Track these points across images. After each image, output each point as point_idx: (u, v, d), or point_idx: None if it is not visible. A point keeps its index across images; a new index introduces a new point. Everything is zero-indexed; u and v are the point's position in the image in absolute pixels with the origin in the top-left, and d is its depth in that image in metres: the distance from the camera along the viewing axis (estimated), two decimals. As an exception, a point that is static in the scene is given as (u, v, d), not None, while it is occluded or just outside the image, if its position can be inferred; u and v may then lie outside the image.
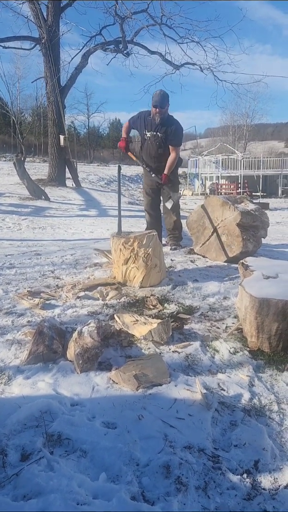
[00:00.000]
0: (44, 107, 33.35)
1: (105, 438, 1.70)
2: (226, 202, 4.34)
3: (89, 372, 2.20)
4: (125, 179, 21.44)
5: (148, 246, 3.46)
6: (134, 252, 3.46)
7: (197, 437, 1.73)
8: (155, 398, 2.00)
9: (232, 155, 26.52)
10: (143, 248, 3.45)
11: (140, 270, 3.47)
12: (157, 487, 1.48)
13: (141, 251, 3.44)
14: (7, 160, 24.35)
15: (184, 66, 15.26)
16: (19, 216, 8.81)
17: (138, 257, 3.45)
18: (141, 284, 3.50)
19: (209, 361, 2.37)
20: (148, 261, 3.45)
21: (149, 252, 3.45)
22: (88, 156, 45.39)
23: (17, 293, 3.37)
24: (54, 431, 1.72)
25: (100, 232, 7.27)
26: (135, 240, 3.47)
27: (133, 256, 3.47)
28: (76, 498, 1.39)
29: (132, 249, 3.46)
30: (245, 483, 1.51)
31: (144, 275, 3.48)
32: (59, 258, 4.64)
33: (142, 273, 3.47)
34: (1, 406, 1.88)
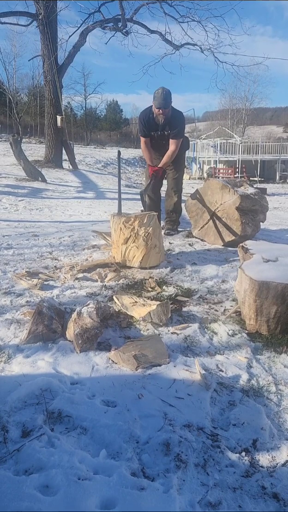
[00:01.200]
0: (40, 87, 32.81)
1: (105, 416, 1.72)
2: (225, 185, 4.31)
3: (88, 352, 2.20)
4: (122, 162, 21.25)
5: (149, 225, 3.44)
6: (135, 231, 3.44)
7: (196, 416, 1.75)
8: (155, 378, 2.01)
9: (230, 139, 26.33)
10: (144, 227, 3.43)
11: (140, 250, 3.46)
12: (157, 464, 1.50)
13: (141, 230, 3.43)
14: (2, 140, 24.02)
15: (184, 47, 15.00)
16: (15, 197, 8.74)
17: (139, 236, 3.44)
18: (141, 264, 3.50)
19: (207, 343, 2.39)
20: (148, 241, 3.44)
21: (149, 231, 3.44)
22: (85, 138, 44.83)
23: (16, 274, 3.36)
24: (54, 408, 1.74)
25: (97, 215, 7.23)
26: (135, 219, 3.45)
27: (133, 235, 3.45)
28: (77, 474, 1.41)
29: (132, 228, 3.44)
30: (243, 461, 1.54)
31: (144, 255, 3.47)
32: (57, 240, 4.62)
33: (142, 252, 3.47)
34: (2, 384, 1.89)
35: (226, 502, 1.36)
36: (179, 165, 4.87)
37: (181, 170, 4.96)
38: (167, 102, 4.29)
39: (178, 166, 4.84)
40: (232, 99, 45.97)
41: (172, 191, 4.87)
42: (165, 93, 4.29)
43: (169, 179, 4.88)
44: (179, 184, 4.91)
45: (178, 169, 4.85)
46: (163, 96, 4.27)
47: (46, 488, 1.35)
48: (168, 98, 4.30)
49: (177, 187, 4.88)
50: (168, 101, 4.30)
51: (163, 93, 4.28)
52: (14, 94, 35.28)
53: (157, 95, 4.29)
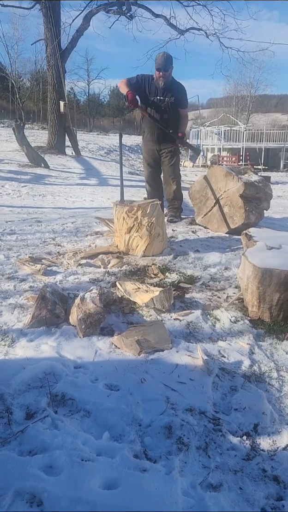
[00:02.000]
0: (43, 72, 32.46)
1: (108, 399, 1.73)
2: (230, 172, 4.29)
3: (91, 337, 2.22)
4: (125, 149, 21.10)
5: (152, 215, 3.43)
6: (138, 220, 3.43)
7: (198, 401, 1.77)
8: (157, 363, 2.03)
9: (234, 126, 26.07)
10: (147, 217, 3.42)
11: (144, 239, 3.46)
12: (159, 446, 1.53)
13: (144, 220, 3.42)
14: (5, 126, 23.84)
15: (189, 31, 14.76)
16: (18, 183, 8.71)
17: (142, 226, 3.43)
18: (144, 253, 3.50)
19: (210, 329, 2.40)
20: (151, 230, 3.43)
21: (152, 221, 3.43)
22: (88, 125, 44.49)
23: (19, 259, 3.37)
24: (58, 391, 1.76)
25: (100, 201, 7.21)
26: (138, 209, 3.43)
27: (136, 225, 3.44)
28: (80, 455, 1.43)
29: (135, 218, 3.43)
30: (244, 444, 1.56)
31: (147, 244, 3.47)
32: (60, 226, 4.62)
33: (145, 242, 3.46)
34: (6, 367, 1.91)
35: (227, 484, 1.38)
36: (175, 152, 4.79)
37: (177, 156, 4.85)
38: (167, 64, 4.33)
39: (174, 152, 4.76)
40: (237, 85, 45.40)
41: (170, 178, 4.79)
42: (166, 56, 4.35)
43: (166, 167, 4.78)
44: (176, 170, 4.82)
45: (173, 154, 4.75)
46: (163, 58, 4.32)
47: (50, 468, 1.38)
48: (169, 61, 4.35)
49: (175, 173, 4.79)
50: (168, 64, 4.34)
51: (164, 55, 4.34)
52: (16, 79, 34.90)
53: (158, 57, 4.35)
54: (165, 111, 4.52)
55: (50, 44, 13.13)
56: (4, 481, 1.31)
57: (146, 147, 4.83)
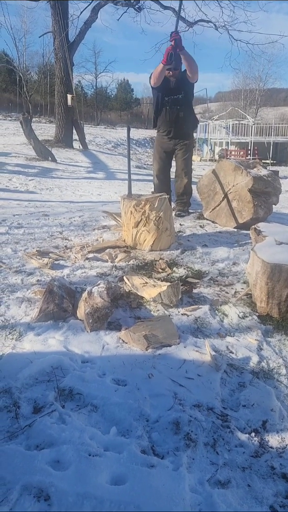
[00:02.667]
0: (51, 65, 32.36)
1: (115, 394, 1.73)
2: (238, 166, 4.24)
3: (99, 331, 2.21)
4: (132, 143, 21.01)
5: (160, 209, 3.41)
6: (145, 215, 3.41)
7: (206, 396, 1.76)
8: (165, 358, 2.02)
9: (243, 120, 25.84)
10: (155, 211, 3.39)
11: (151, 234, 3.44)
12: (166, 442, 1.52)
13: (152, 214, 3.40)
14: (13, 119, 23.84)
15: (198, 24, 14.60)
16: (26, 176, 8.70)
17: (149, 220, 3.41)
18: (151, 247, 3.48)
19: (218, 325, 2.38)
20: (159, 225, 3.41)
21: (160, 215, 3.40)
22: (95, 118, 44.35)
23: (26, 253, 3.37)
24: (65, 386, 1.75)
25: (108, 195, 7.19)
26: (146, 203, 3.41)
27: (144, 219, 3.42)
28: (88, 450, 1.42)
29: (143, 212, 3.41)
30: (253, 441, 1.54)
31: (155, 239, 3.45)
32: (67, 220, 4.61)
33: (153, 236, 3.44)
34: (13, 361, 1.91)
35: (235, 481, 1.37)
36: (188, 145, 4.78)
37: (190, 150, 4.86)
38: (177, 63, 4.29)
39: (188, 146, 4.75)
40: (246, 79, 44.97)
41: (183, 172, 4.79)
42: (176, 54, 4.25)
43: (179, 160, 4.78)
44: (189, 164, 4.82)
45: (188, 149, 4.75)
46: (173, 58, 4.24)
47: (58, 463, 1.37)
48: (178, 60, 4.29)
49: (187, 167, 4.79)
50: (178, 62, 4.29)
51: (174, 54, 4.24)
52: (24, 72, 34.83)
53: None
54: (180, 109, 4.50)
55: (58, 36, 13.05)
56: (11, 475, 1.31)
57: (161, 140, 4.81)
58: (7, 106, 37.96)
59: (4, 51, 39.35)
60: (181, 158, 4.75)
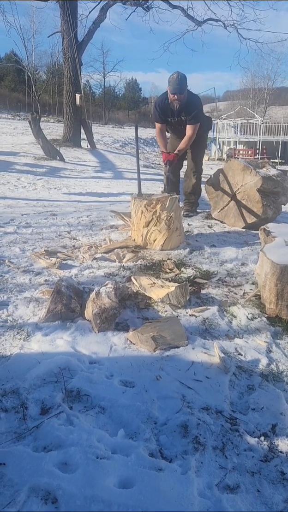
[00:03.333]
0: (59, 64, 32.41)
1: (123, 396, 1.72)
2: (247, 166, 4.21)
3: (106, 332, 2.20)
4: (140, 142, 21.00)
5: (171, 209, 3.39)
6: (156, 214, 3.39)
7: (215, 399, 1.74)
8: (173, 359, 2.00)
9: (251, 119, 25.70)
10: (166, 211, 3.38)
11: (162, 233, 3.43)
12: (175, 445, 1.50)
13: (163, 214, 3.38)
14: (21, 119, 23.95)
15: (206, 23, 14.52)
16: (34, 176, 8.72)
17: (160, 220, 3.39)
18: (162, 247, 3.46)
19: (226, 326, 2.36)
20: (170, 224, 3.40)
21: (171, 215, 3.39)
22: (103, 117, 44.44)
23: (34, 252, 3.37)
24: (73, 387, 1.75)
25: (115, 195, 7.18)
26: (157, 203, 3.39)
27: (155, 218, 3.41)
28: (95, 452, 1.41)
29: (154, 212, 3.39)
30: (262, 445, 1.52)
31: (165, 238, 3.44)
32: (75, 219, 4.61)
33: (163, 236, 3.43)
34: (21, 361, 1.90)
35: (244, 486, 1.35)
36: (200, 146, 4.77)
37: (202, 151, 4.87)
38: (182, 87, 4.19)
39: (199, 147, 4.75)
40: (254, 78, 44.79)
41: (192, 172, 4.80)
42: (180, 78, 4.18)
43: (189, 160, 4.80)
44: (199, 165, 4.82)
45: (199, 149, 4.77)
46: (178, 81, 4.16)
47: (65, 465, 1.37)
48: (183, 83, 4.19)
49: (197, 168, 4.80)
50: (183, 86, 4.20)
51: (178, 78, 4.17)
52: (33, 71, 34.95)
53: (172, 80, 4.18)
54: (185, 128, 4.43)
55: (66, 36, 13.07)
56: (19, 477, 1.30)
57: (173, 142, 4.82)
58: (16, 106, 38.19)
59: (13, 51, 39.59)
60: (192, 158, 4.75)
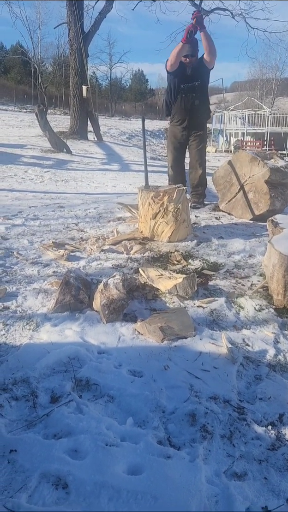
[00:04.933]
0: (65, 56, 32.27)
1: (131, 385, 1.74)
2: (255, 157, 4.19)
3: (115, 323, 2.22)
4: (147, 134, 20.91)
5: (178, 201, 3.39)
6: (164, 206, 3.40)
7: (223, 389, 1.75)
8: (180, 350, 2.02)
9: (259, 110, 25.44)
10: (173, 203, 3.38)
11: (170, 225, 3.43)
12: (183, 433, 1.52)
13: (171, 206, 3.38)
14: (28, 111, 23.92)
15: (214, 12, 14.39)
16: (41, 168, 8.74)
17: (168, 212, 3.39)
18: (170, 239, 3.47)
19: (234, 317, 2.37)
20: (178, 216, 3.40)
21: (179, 207, 3.39)
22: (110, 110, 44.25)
23: (42, 244, 3.39)
24: (82, 376, 1.77)
25: (122, 187, 7.18)
26: (165, 195, 3.40)
27: (162, 210, 3.41)
28: (105, 440, 1.43)
29: (161, 204, 3.40)
30: (269, 434, 1.54)
31: (173, 230, 3.44)
32: (83, 211, 4.62)
33: (171, 228, 3.43)
34: (31, 351, 1.93)
35: (251, 474, 1.37)
36: (202, 136, 4.75)
37: (204, 141, 4.83)
38: (194, 49, 4.22)
39: (201, 137, 4.72)
40: (262, 68, 44.21)
41: (197, 163, 4.75)
42: (193, 41, 4.21)
43: (192, 150, 4.75)
44: (203, 155, 4.79)
45: (201, 139, 4.73)
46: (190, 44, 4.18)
47: (75, 452, 1.39)
48: (196, 46, 4.22)
49: (201, 158, 4.75)
50: (195, 49, 4.23)
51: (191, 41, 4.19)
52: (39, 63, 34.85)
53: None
54: (196, 97, 4.44)
55: (72, 27, 13.00)
56: (30, 463, 1.33)
57: (174, 130, 4.77)
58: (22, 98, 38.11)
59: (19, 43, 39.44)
60: (195, 149, 4.71)
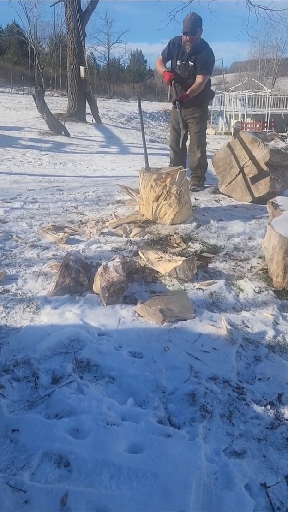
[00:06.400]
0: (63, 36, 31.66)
1: (132, 367, 1.75)
2: (255, 139, 4.14)
3: (114, 305, 2.23)
4: (145, 116, 20.63)
5: (181, 183, 3.37)
6: (166, 189, 3.37)
7: (222, 370, 1.77)
8: (180, 331, 2.03)
9: (259, 91, 25.09)
10: (176, 185, 3.36)
11: (173, 207, 3.42)
12: (182, 413, 1.54)
13: (173, 188, 3.36)
14: (25, 93, 23.57)
15: (214, -10, 14.03)
16: (39, 151, 8.65)
17: (171, 194, 3.37)
18: (172, 221, 3.46)
19: (233, 299, 2.38)
20: (181, 198, 3.38)
21: (181, 189, 3.37)
22: (108, 91, 43.58)
23: (42, 227, 3.38)
24: (83, 358, 1.78)
25: (121, 170, 7.12)
26: (167, 177, 3.37)
27: (165, 192, 3.39)
28: (105, 419, 1.45)
29: (164, 186, 3.37)
30: (268, 413, 1.56)
31: (176, 212, 3.43)
32: (82, 194, 4.60)
33: (174, 210, 3.42)
34: (32, 333, 1.94)
35: (250, 452, 1.39)
36: (202, 119, 4.67)
37: (204, 124, 4.77)
38: (195, 27, 4.11)
39: (201, 120, 4.65)
40: (263, 48, 43.46)
41: (195, 146, 4.71)
42: (194, 18, 4.11)
43: (191, 134, 4.70)
44: (202, 138, 4.74)
45: (201, 122, 4.65)
46: (191, 21, 4.09)
47: (77, 431, 1.41)
48: (197, 24, 4.12)
49: (200, 141, 4.71)
50: (196, 27, 4.12)
51: (192, 18, 4.10)
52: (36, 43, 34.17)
53: (185, 20, 4.12)
54: (189, 77, 4.36)
55: (69, 5, 12.69)
56: (32, 442, 1.35)
57: (173, 112, 4.73)
58: (19, 80, 37.46)
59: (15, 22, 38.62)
60: (194, 132, 4.66)
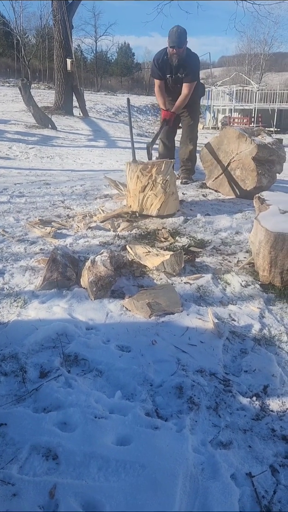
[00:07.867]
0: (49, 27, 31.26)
1: (119, 360, 1.76)
2: (242, 134, 4.16)
3: (102, 299, 2.23)
4: (133, 110, 20.57)
5: (167, 173, 3.38)
6: (152, 178, 3.38)
7: (209, 362, 1.79)
8: (168, 325, 2.05)
9: (247, 86, 25.17)
10: (161, 175, 3.37)
11: (159, 197, 3.42)
12: (170, 405, 1.56)
13: (159, 178, 3.37)
14: (11, 85, 23.23)
15: (201, -17, 13.99)
16: (26, 144, 8.57)
17: (156, 183, 3.38)
18: (159, 211, 3.47)
19: (220, 293, 2.40)
20: (166, 188, 3.39)
21: (167, 178, 3.38)
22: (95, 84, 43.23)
23: (29, 222, 3.36)
24: (70, 352, 1.79)
25: (109, 164, 7.10)
26: (153, 167, 3.38)
27: (151, 183, 3.39)
28: (94, 412, 1.46)
29: (150, 176, 3.38)
30: (254, 405, 1.59)
31: (162, 202, 3.44)
32: (69, 189, 4.57)
33: (160, 200, 3.43)
34: (19, 327, 1.94)
35: (236, 442, 1.42)
36: (194, 112, 4.72)
37: (196, 117, 4.82)
38: (181, 41, 4.10)
39: (193, 113, 4.70)
40: (251, 42, 43.65)
41: (188, 139, 4.75)
42: (180, 31, 4.10)
43: (184, 126, 4.74)
44: (194, 131, 4.79)
45: (193, 116, 4.71)
46: (177, 34, 4.08)
47: (64, 425, 1.42)
48: (183, 37, 4.11)
49: (192, 134, 4.76)
50: (182, 40, 4.12)
51: (178, 31, 4.09)
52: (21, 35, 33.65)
53: (171, 33, 4.11)
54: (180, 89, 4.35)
55: (56, -4, 12.52)
56: (20, 436, 1.36)
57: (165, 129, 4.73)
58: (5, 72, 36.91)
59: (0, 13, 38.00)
60: (187, 125, 4.71)
